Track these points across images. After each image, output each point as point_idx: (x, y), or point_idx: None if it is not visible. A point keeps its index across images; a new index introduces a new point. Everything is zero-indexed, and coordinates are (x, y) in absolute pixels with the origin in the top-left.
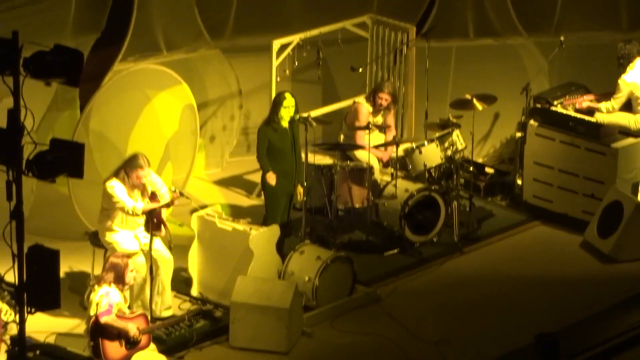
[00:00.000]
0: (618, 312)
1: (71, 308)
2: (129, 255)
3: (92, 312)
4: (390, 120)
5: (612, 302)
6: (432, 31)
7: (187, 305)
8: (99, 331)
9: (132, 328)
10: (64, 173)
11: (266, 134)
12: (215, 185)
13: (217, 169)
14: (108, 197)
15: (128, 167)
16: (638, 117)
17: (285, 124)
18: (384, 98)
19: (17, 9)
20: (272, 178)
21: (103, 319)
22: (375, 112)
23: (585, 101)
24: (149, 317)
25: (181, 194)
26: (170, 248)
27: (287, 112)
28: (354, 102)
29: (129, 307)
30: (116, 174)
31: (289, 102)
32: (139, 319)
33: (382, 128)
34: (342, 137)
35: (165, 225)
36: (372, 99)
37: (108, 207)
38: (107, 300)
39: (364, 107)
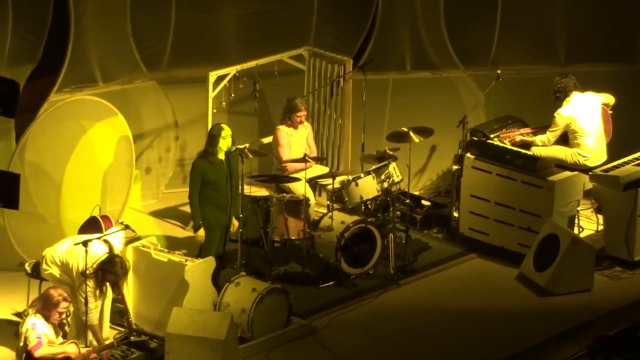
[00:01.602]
0: (554, 345)
1: (4, 338)
2: (66, 298)
3: (21, 344)
4: (311, 140)
5: (547, 335)
6: (369, 64)
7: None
8: None
9: (71, 347)
10: None
11: (200, 168)
12: (151, 216)
13: (153, 200)
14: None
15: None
16: (574, 150)
17: (222, 155)
18: (303, 115)
19: None
20: (201, 236)
21: (37, 353)
22: (294, 130)
23: (521, 135)
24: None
25: (127, 227)
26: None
27: (225, 143)
28: (274, 130)
29: (64, 337)
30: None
31: (226, 132)
32: (71, 347)
33: (320, 160)
34: (274, 170)
35: None
36: (288, 119)
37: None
38: (34, 334)
39: (282, 131)
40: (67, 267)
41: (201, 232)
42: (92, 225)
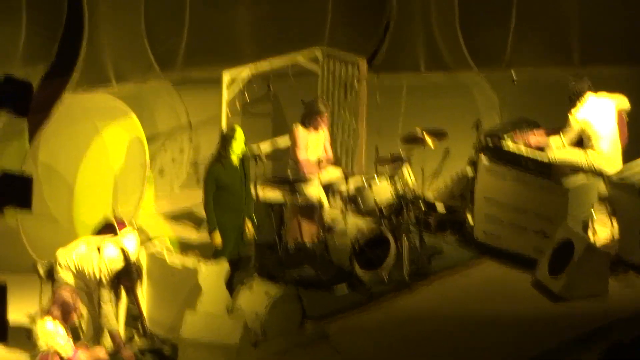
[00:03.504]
0: (567, 351)
1: (18, 341)
2: (77, 293)
3: (42, 350)
4: (328, 144)
5: (561, 340)
6: (382, 65)
7: (135, 342)
8: None
9: (101, 351)
10: (12, 205)
11: (214, 172)
12: (164, 218)
13: (166, 201)
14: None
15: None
16: (589, 153)
17: (235, 158)
18: (324, 118)
19: None
20: (216, 238)
21: None
22: (313, 131)
23: (535, 137)
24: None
25: (138, 230)
26: None
27: (238, 146)
28: (291, 129)
29: (79, 340)
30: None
31: (240, 134)
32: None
33: (333, 163)
34: (289, 172)
35: None
36: (307, 121)
37: None
38: (62, 341)
39: (300, 131)
40: (82, 273)
41: (216, 236)
42: (106, 230)
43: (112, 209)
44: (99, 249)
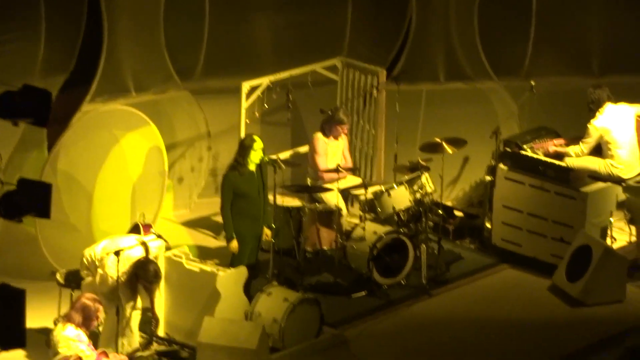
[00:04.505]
0: (586, 356)
1: (36, 347)
2: (99, 301)
3: (61, 351)
4: (347, 151)
5: (580, 346)
6: (402, 75)
7: (153, 346)
8: None
9: (123, 357)
10: (31, 213)
11: (231, 180)
12: (183, 226)
13: (185, 210)
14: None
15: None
16: (608, 161)
17: (253, 167)
18: (346, 127)
19: None
20: (234, 246)
21: None
22: (333, 140)
23: (554, 145)
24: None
25: (159, 237)
26: None
27: (256, 155)
28: (311, 138)
29: (95, 347)
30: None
31: (258, 144)
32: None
33: (352, 170)
34: (309, 180)
35: None
36: (328, 130)
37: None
38: (84, 347)
39: (320, 140)
40: (103, 269)
41: (234, 244)
42: (134, 232)
43: (140, 214)
44: (117, 253)
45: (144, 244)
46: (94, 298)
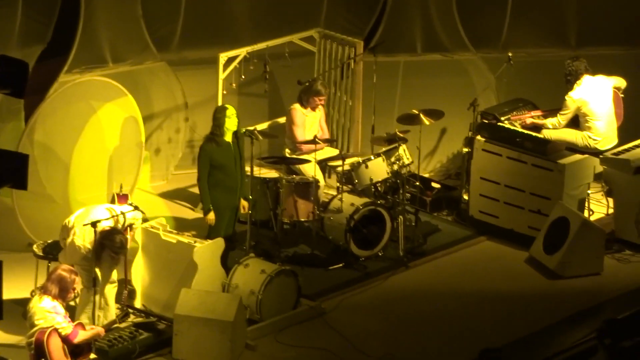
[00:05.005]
0: (563, 328)
1: (13, 319)
2: (76, 272)
3: (38, 323)
4: (324, 122)
5: (557, 318)
6: (379, 46)
7: (130, 318)
8: (42, 349)
9: (101, 331)
10: (8, 184)
11: (208, 152)
12: (160, 197)
13: (162, 181)
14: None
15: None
16: (585, 133)
17: (229, 136)
18: (324, 99)
19: None
20: (211, 217)
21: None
22: (311, 111)
23: (532, 117)
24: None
25: (136, 208)
26: None
27: (231, 122)
28: (289, 110)
29: (71, 318)
30: None
31: (231, 111)
32: (98, 328)
33: (330, 141)
34: (287, 151)
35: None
36: (306, 101)
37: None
38: (60, 319)
39: (297, 111)
40: (72, 232)
41: (211, 216)
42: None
43: (118, 185)
44: (93, 225)
45: (121, 214)
46: (70, 269)
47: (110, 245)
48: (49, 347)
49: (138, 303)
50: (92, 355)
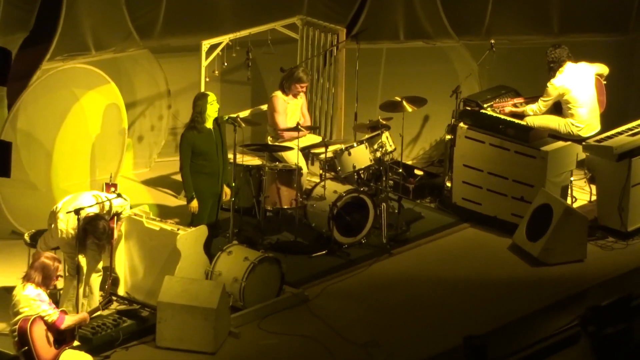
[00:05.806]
0: (546, 315)
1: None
2: (58, 259)
3: (22, 311)
4: (305, 109)
5: (540, 305)
6: (362, 33)
7: (113, 305)
8: (25, 337)
9: (87, 316)
10: None
11: (189, 139)
12: (143, 185)
13: (145, 169)
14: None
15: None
16: (568, 120)
17: (210, 123)
18: (305, 86)
19: None
20: (194, 204)
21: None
22: (292, 98)
23: (514, 104)
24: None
25: (119, 195)
26: None
27: (212, 109)
28: (271, 97)
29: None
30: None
31: (211, 97)
32: (83, 314)
33: (312, 129)
34: (269, 138)
35: None
36: (287, 88)
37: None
38: (45, 306)
39: (279, 98)
40: (55, 218)
41: (194, 203)
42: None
43: (109, 174)
44: (77, 212)
45: (106, 201)
46: (53, 257)
47: (93, 231)
48: (32, 335)
49: (121, 290)
50: (76, 343)
